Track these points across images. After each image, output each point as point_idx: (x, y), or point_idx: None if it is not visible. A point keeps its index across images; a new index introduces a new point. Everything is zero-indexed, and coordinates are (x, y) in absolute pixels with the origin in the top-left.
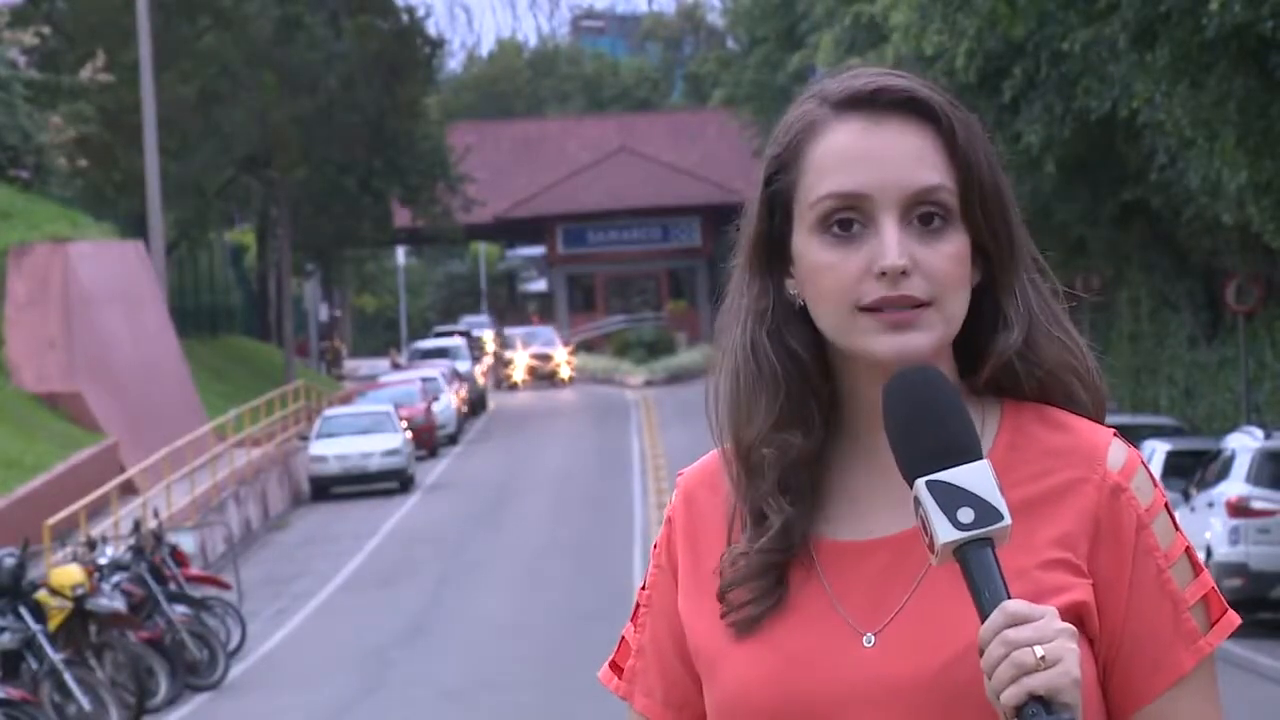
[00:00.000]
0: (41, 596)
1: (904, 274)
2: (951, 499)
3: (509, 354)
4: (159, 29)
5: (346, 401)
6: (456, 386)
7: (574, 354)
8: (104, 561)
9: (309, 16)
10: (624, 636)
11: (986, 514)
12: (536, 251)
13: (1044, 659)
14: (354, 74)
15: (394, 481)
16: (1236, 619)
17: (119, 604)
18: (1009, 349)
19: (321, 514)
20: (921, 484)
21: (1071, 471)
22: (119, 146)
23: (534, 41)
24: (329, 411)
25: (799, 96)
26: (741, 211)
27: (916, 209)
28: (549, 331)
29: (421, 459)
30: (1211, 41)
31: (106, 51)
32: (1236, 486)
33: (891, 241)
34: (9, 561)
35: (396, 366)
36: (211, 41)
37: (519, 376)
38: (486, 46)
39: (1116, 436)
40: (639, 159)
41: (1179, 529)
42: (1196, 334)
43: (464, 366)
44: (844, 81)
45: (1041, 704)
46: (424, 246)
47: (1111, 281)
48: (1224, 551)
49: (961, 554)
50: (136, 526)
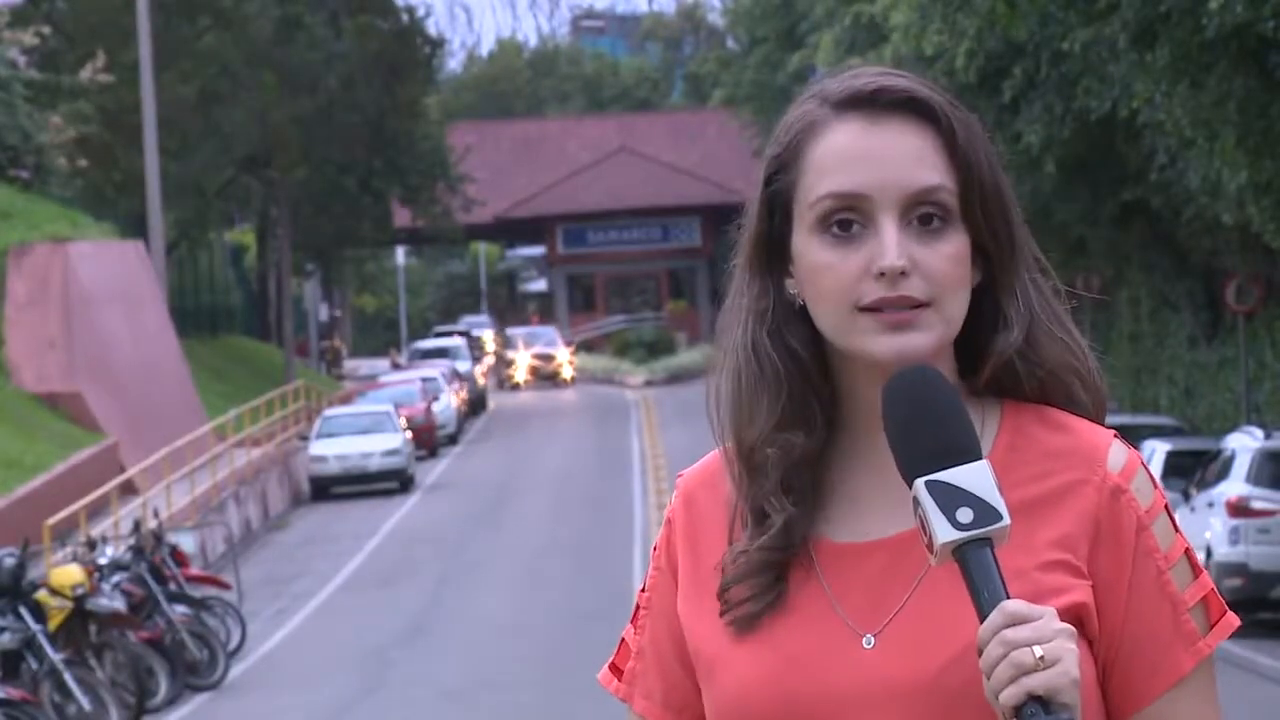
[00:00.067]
0: (41, 596)
1: (903, 274)
2: (950, 499)
3: (511, 354)
4: (159, 29)
5: (346, 401)
6: (456, 386)
7: (575, 354)
8: (104, 561)
9: (309, 16)
10: (624, 638)
11: (985, 514)
12: (536, 251)
13: (1043, 659)
14: (354, 74)
15: (394, 481)
16: (1236, 620)
17: (119, 604)
18: (1009, 349)
19: (321, 514)
20: (921, 484)
21: (1071, 473)
22: (119, 146)
23: (534, 41)
24: (329, 411)
25: (799, 96)
26: (742, 211)
27: (916, 209)
28: (551, 332)
29: (421, 459)
30: (1211, 41)
31: (106, 51)
32: (1236, 486)
33: (890, 242)
34: (9, 561)
35: (396, 366)
36: (211, 41)
37: (521, 377)
38: (486, 46)
39: (1117, 438)
40: (639, 159)
41: (1179, 531)
42: (1196, 334)
43: (464, 366)
44: (844, 81)
45: (1040, 704)
46: (424, 246)
47: (1111, 281)
48: (1224, 551)
49: (960, 554)
50: (136, 526)
